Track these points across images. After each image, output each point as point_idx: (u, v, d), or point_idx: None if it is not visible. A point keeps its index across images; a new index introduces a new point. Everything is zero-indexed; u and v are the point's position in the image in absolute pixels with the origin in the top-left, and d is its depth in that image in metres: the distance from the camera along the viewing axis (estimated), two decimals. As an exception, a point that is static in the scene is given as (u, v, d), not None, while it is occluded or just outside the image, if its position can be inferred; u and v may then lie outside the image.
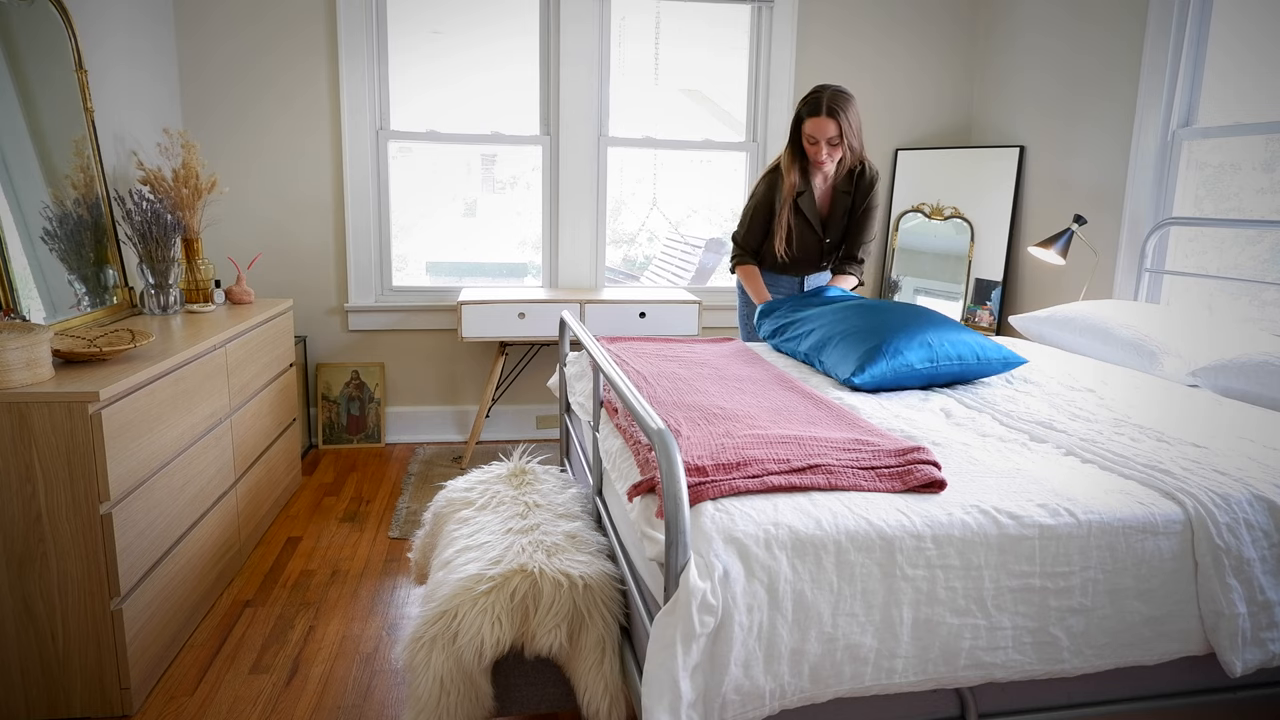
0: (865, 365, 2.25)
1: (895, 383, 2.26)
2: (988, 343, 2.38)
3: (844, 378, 2.29)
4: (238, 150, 3.76)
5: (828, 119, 2.75)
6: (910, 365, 2.25)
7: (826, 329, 2.51)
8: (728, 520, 1.36)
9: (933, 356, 2.28)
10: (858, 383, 2.25)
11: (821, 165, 2.86)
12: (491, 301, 3.64)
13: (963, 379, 2.35)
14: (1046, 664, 1.45)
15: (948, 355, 2.30)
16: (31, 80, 2.47)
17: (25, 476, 1.85)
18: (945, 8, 4.19)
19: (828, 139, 2.78)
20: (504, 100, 4.04)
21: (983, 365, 2.33)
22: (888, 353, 2.25)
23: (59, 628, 1.93)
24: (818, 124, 2.76)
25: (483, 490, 2.16)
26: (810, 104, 2.78)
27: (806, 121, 2.79)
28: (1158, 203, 3.18)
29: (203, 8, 3.63)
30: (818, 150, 2.81)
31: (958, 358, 2.31)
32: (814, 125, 2.77)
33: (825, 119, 2.75)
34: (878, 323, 2.39)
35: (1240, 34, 2.94)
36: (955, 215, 4.08)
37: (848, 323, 2.46)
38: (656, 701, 1.25)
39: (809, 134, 2.80)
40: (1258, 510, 1.53)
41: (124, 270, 2.82)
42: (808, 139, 2.82)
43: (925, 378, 2.29)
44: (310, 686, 2.13)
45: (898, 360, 2.25)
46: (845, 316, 2.51)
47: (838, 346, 2.40)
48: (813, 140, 2.80)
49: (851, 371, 2.27)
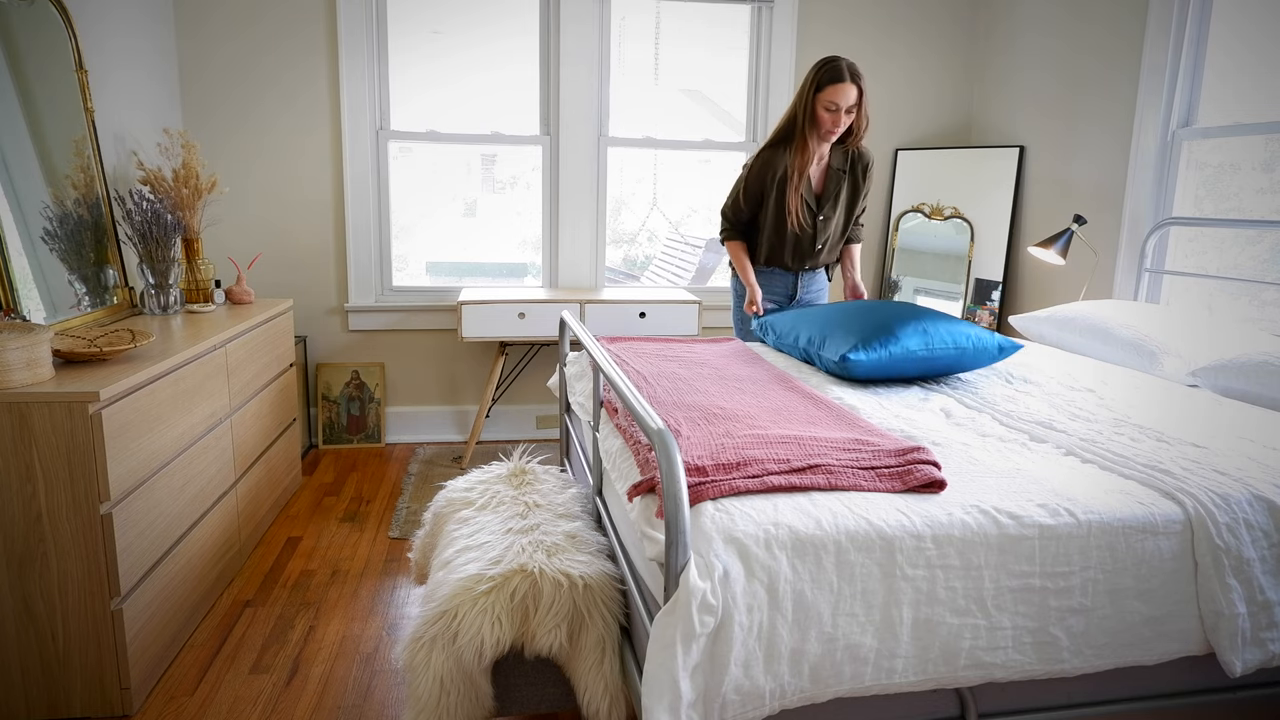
0: (862, 345, 2.28)
1: (892, 366, 2.29)
2: (984, 331, 2.40)
3: (842, 353, 2.31)
4: (238, 150, 3.76)
5: (851, 84, 2.73)
6: (907, 349, 2.28)
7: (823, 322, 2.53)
8: (728, 520, 1.36)
9: (929, 343, 2.31)
10: (854, 359, 2.27)
11: (832, 135, 2.82)
12: (491, 301, 3.65)
13: (960, 366, 2.37)
14: (1046, 664, 1.45)
15: (943, 342, 2.33)
16: (31, 80, 2.47)
17: (25, 476, 1.85)
18: (945, 8, 4.19)
19: (847, 107, 2.76)
20: (504, 100, 4.04)
21: (979, 353, 2.36)
22: (885, 339, 2.29)
23: (59, 628, 1.93)
24: (840, 89, 2.72)
25: (483, 490, 2.16)
26: (830, 70, 2.73)
27: (827, 88, 2.73)
28: (1158, 203, 3.18)
29: (203, 8, 3.63)
30: (835, 118, 2.77)
31: (954, 344, 2.33)
32: (836, 91, 2.72)
33: (849, 84, 2.73)
34: (875, 315, 2.43)
35: (1240, 34, 2.94)
36: (955, 215, 4.08)
37: (845, 315, 2.49)
38: (656, 701, 1.25)
39: (829, 100, 2.74)
40: (1257, 510, 1.53)
41: (124, 270, 2.82)
42: (826, 105, 2.75)
43: (922, 362, 2.31)
44: (310, 686, 2.13)
45: (895, 345, 2.28)
46: (844, 310, 2.55)
47: (835, 334, 2.42)
48: (832, 107, 2.75)
49: (850, 347, 2.29)
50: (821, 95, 2.76)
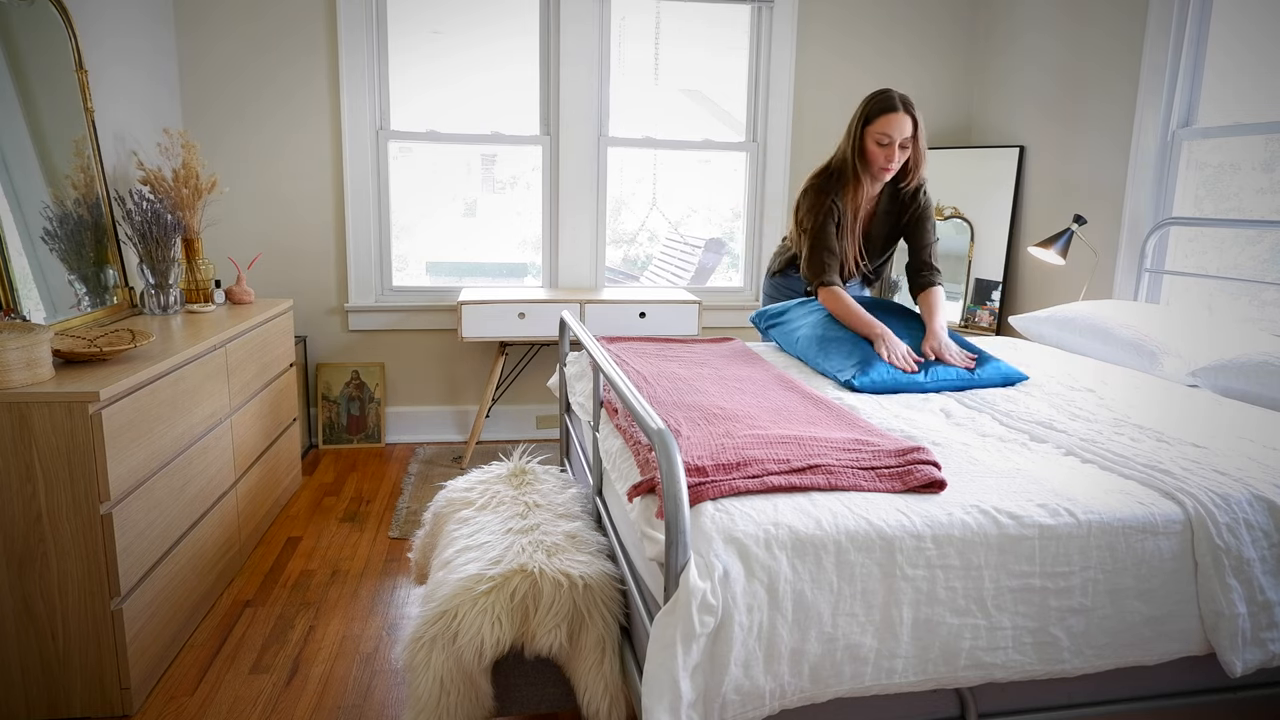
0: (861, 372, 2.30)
1: (896, 388, 2.29)
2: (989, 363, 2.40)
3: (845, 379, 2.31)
4: (238, 150, 3.76)
5: (904, 115, 2.51)
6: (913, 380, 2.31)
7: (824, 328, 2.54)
8: (728, 520, 1.36)
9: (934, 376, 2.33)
10: (858, 385, 2.27)
11: (887, 173, 2.60)
12: (491, 301, 3.65)
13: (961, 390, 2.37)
14: (1046, 664, 1.45)
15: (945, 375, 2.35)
16: (31, 80, 2.47)
17: (25, 476, 1.85)
18: (945, 8, 4.19)
19: (901, 140, 2.53)
20: (504, 100, 4.04)
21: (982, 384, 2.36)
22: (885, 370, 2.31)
23: (59, 628, 1.93)
24: (892, 120, 2.50)
25: (483, 490, 2.16)
26: (881, 101, 2.53)
27: (878, 120, 2.52)
28: (1158, 203, 3.18)
29: (203, 7, 3.62)
30: (889, 153, 2.54)
31: (955, 376, 2.35)
32: (887, 122, 2.50)
33: (902, 114, 2.51)
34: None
35: (1240, 34, 2.94)
36: (955, 215, 4.08)
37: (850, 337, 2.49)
38: (656, 701, 1.25)
39: (881, 133, 2.52)
40: (1258, 510, 1.53)
41: (124, 270, 2.82)
42: (877, 139, 2.53)
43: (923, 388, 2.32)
44: (310, 686, 2.13)
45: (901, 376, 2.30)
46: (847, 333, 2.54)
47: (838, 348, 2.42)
48: (884, 141, 2.53)
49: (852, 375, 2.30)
50: (871, 128, 2.54)
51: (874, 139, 2.55)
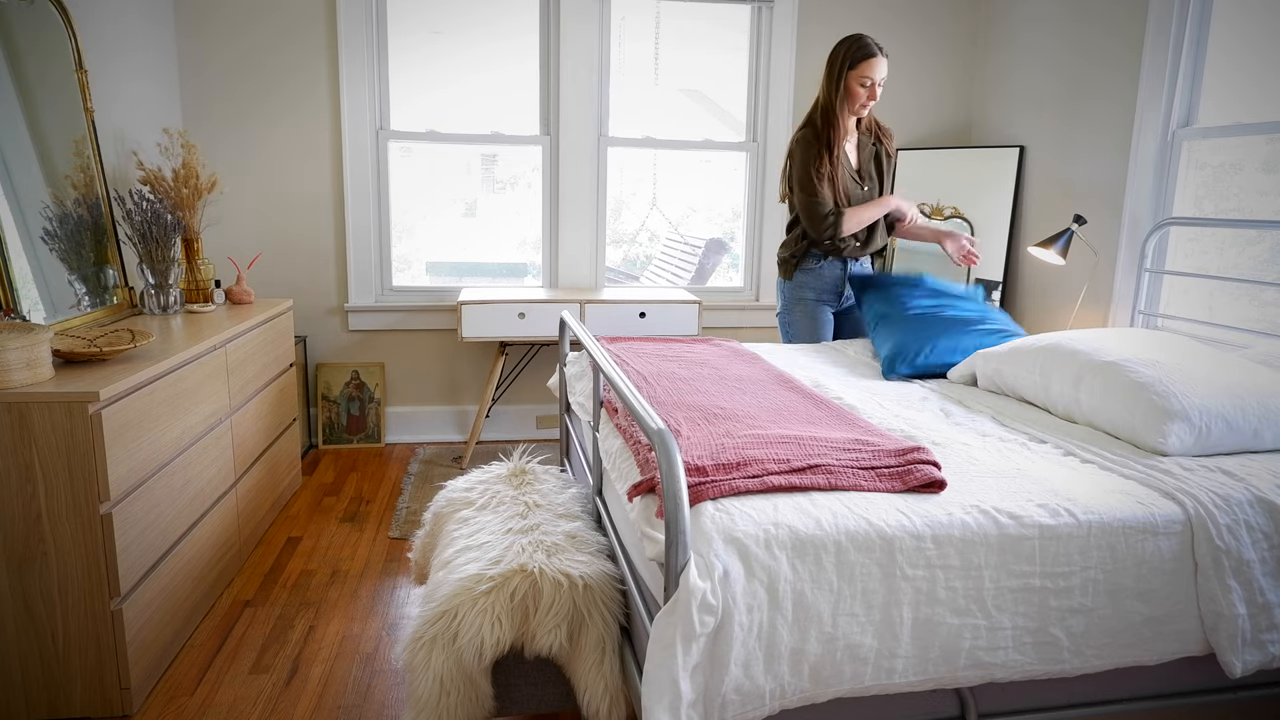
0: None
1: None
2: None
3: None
4: (238, 150, 3.76)
5: (883, 58, 2.84)
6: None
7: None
8: (728, 520, 1.36)
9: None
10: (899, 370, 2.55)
11: (865, 110, 2.91)
12: (491, 301, 3.64)
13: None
14: (1046, 664, 1.45)
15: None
16: (31, 80, 2.47)
17: (25, 476, 1.85)
18: (945, 8, 4.19)
19: (879, 80, 2.86)
20: (504, 100, 4.04)
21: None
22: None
23: (59, 628, 1.93)
24: (874, 64, 2.83)
25: (483, 490, 2.16)
26: (864, 47, 2.83)
27: (861, 64, 2.83)
28: (1158, 203, 3.18)
29: (203, 7, 3.62)
30: (871, 93, 2.87)
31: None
32: (870, 66, 2.83)
33: (881, 58, 2.84)
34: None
35: (1240, 34, 2.94)
36: (955, 215, 4.08)
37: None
38: (656, 701, 1.25)
39: (865, 76, 2.83)
40: (1258, 512, 1.53)
41: (124, 270, 2.82)
42: (861, 81, 2.84)
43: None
44: (310, 686, 2.13)
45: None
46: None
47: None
48: (866, 82, 2.85)
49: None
50: (855, 72, 2.84)
51: (858, 82, 2.86)
